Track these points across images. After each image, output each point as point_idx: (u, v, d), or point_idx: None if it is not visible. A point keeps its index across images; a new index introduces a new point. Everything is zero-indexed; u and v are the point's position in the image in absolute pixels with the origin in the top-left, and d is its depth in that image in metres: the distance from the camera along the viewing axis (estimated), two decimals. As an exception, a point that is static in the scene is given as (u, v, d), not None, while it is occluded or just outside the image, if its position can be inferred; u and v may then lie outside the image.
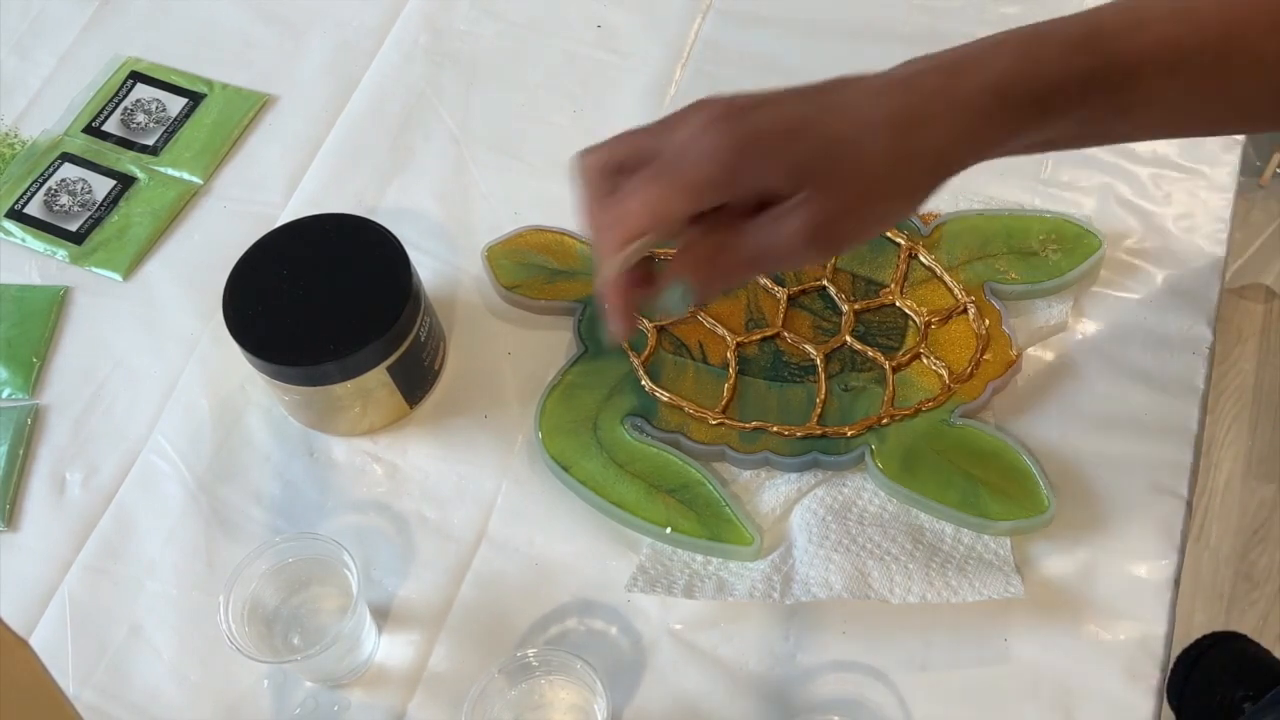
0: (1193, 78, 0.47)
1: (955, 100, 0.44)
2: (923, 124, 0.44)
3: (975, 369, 0.63)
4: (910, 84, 0.45)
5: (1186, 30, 0.46)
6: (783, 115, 0.44)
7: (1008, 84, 0.45)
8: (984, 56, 0.45)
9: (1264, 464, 1.45)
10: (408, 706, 0.58)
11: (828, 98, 0.45)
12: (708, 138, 0.43)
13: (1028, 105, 0.45)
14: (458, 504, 0.63)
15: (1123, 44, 0.46)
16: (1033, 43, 0.46)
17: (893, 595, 0.56)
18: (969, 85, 0.45)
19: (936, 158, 0.45)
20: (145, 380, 0.70)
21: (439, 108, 0.80)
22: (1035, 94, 0.45)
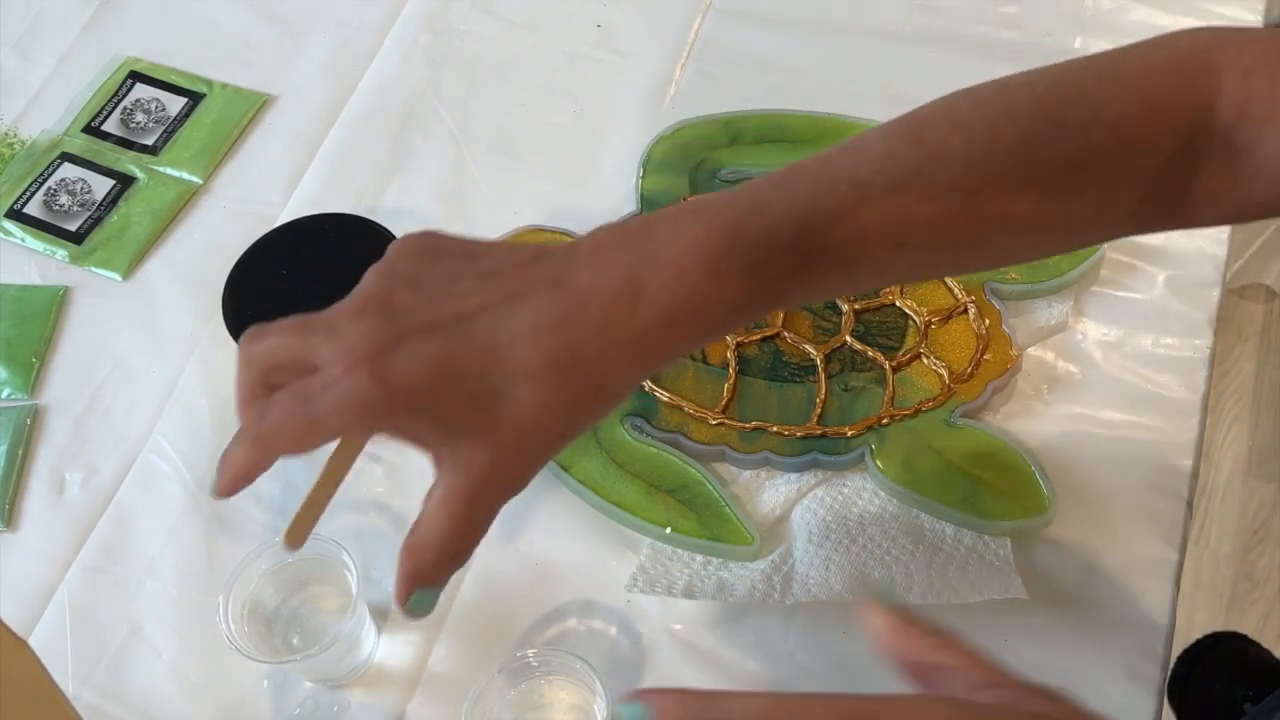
0: (929, 245, 0.44)
1: (624, 337, 0.40)
2: (580, 366, 0.40)
3: (975, 369, 0.63)
4: (570, 322, 0.40)
5: (915, 200, 0.43)
6: (435, 358, 0.39)
7: (693, 310, 0.41)
8: (667, 277, 0.40)
9: (1264, 464, 1.45)
10: (407, 707, 0.58)
11: (476, 333, 0.40)
12: (347, 386, 0.39)
13: (716, 322, 0.42)
14: (457, 504, 0.63)
15: (839, 230, 0.42)
16: (724, 259, 0.41)
17: (892, 595, 0.56)
18: (644, 319, 0.40)
19: (604, 391, 0.42)
20: (145, 380, 0.70)
21: (439, 108, 0.80)
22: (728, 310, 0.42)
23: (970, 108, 0.45)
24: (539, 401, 0.40)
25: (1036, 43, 0.77)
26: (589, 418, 0.42)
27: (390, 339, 0.40)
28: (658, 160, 0.73)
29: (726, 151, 0.73)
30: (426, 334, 0.40)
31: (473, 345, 0.40)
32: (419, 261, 0.42)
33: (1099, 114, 0.44)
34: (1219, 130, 0.44)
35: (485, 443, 0.40)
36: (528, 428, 0.40)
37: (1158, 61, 0.45)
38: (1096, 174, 0.44)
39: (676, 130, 0.74)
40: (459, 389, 0.40)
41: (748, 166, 0.72)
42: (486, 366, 0.40)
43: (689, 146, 0.73)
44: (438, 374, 0.39)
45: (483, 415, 0.40)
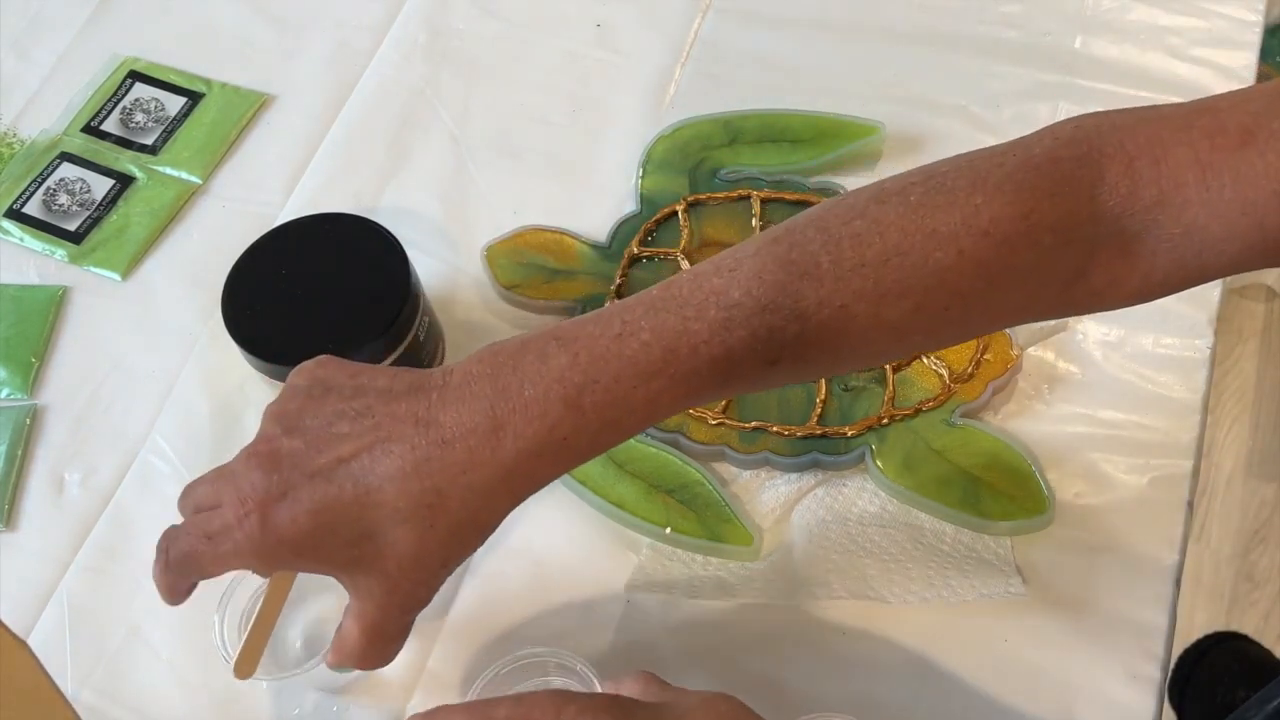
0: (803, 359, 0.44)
1: (487, 474, 0.42)
2: (447, 505, 0.42)
3: (975, 369, 0.63)
4: (435, 462, 0.42)
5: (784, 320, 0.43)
6: (316, 505, 0.42)
7: (556, 442, 0.42)
8: (530, 413, 0.42)
9: (1265, 464, 1.45)
10: (407, 707, 0.58)
11: (350, 477, 0.42)
12: (241, 533, 0.42)
13: (585, 449, 0.43)
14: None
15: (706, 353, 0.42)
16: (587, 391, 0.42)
17: (893, 595, 0.56)
18: (505, 453, 0.42)
19: (475, 526, 0.44)
20: (144, 380, 0.70)
21: (438, 107, 0.80)
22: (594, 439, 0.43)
23: (839, 221, 0.44)
24: (413, 540, 0.42)
25: (1036, 43, 0.77)
26: (466, 548, 0.45)
27: (276, 490, 0.42)
28: (657, 160, 0.73)
29: (726, 151, 0.73)
30: (308, 481, 0.42)
31: (346, 492, 0.42)
32: (305, 402, 0.44)
33: (970, 219, 0.43)
34: (1105, 220, 0.44)
35: (376, 575, 0.43)
36: (407, 564, 0.43)
37: (1034, 159, 0.45)
38: (971, 279, 0.44)
39: (676, 130, 0.74)
40: (338, 533, 0.42)
41: (747, 166, 0.72)
42: (361, 511, 0.42)
43: (689, 146, 0.73)
44: (317, 522, 0.42)
45: (366, 554, 0.43)
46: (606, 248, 0.70)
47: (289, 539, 0.42)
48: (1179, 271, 0.45)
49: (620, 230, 0.71)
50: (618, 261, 0.69)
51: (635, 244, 0.69)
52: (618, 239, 0.70)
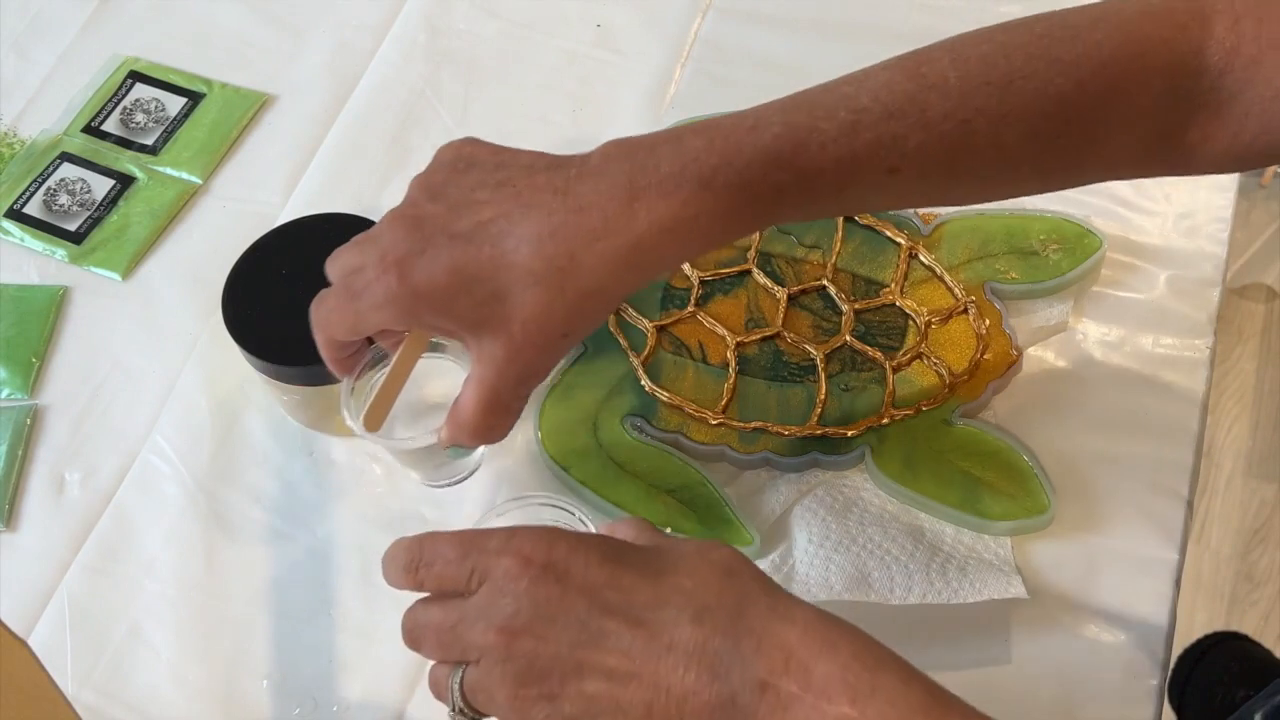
0: (921, 172, 0.46)
1: (619, 243, 0.44)
2: (579, 270, 0.44)
3: (975, 369, 0.63)
4: (570, 229, 0.44)
5: (909, 128, 0.45)
6: (452, 264, 0.44)
7: (686, 221, 0.44)
8: (664, 187, 0.43)
9: (1264, 464, 1.45)
10: (407, 707, 0.58)
11: (486, 241, 0.44)
12: (381, 287, 0.45)
13: (711, 233, 0.45)
14: (457, 505, 0.63)
15: (833, 152, 0.45)
16: (720, 172, 0.44)
17: (893, 595, 0.56)
18: (640, 225, 0.44)
19: (602, 294, 0.45)
20: (144, 380, 0.70)
21: (438, 107, 0.80)
22: (726, 217, 0.45)
23: (969, 44, 0.48)
24: (542, 303, 0.44)
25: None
26: (589, 319, 0.46)
27: (416, 247, 0.45)
28: (658, 160, 0.73)
29: (726, 151, 0.73)
30: (447, 241, 0.44)
31: (483, 253, 0.44)
32: (450, 173, 0.47)
33: (1091, 53, 0.46)
34: (1209, 74, 0.46)
35: (501, 339, 0.45)
36: (533, 327, 0.44)
37: (1151, 6, 0.47)
38: (1086, 110, 0.46)
39: (676, 130, 0.74)
40: (472, 292, 0.44)
41: (748, 166, 0.72)
42: (495, 271, 0.44)
43: (689, 146, 0.73)
44: (453, 279, 0.44)
45: (495, 315, 0.44)
46: (606, 248, 0.70)
47: (425, 292, 0.44)
48: (1264, 135, 0.47)
49: (620, 230, 0.71)
50: (618, 261, 0.69)
51: (635, 244, 0.69)
52: (618, 239, 0.70)
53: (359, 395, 0.58)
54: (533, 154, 0.47)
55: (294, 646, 0.60)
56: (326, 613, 0.61)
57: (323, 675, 0.59)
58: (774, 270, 0.68)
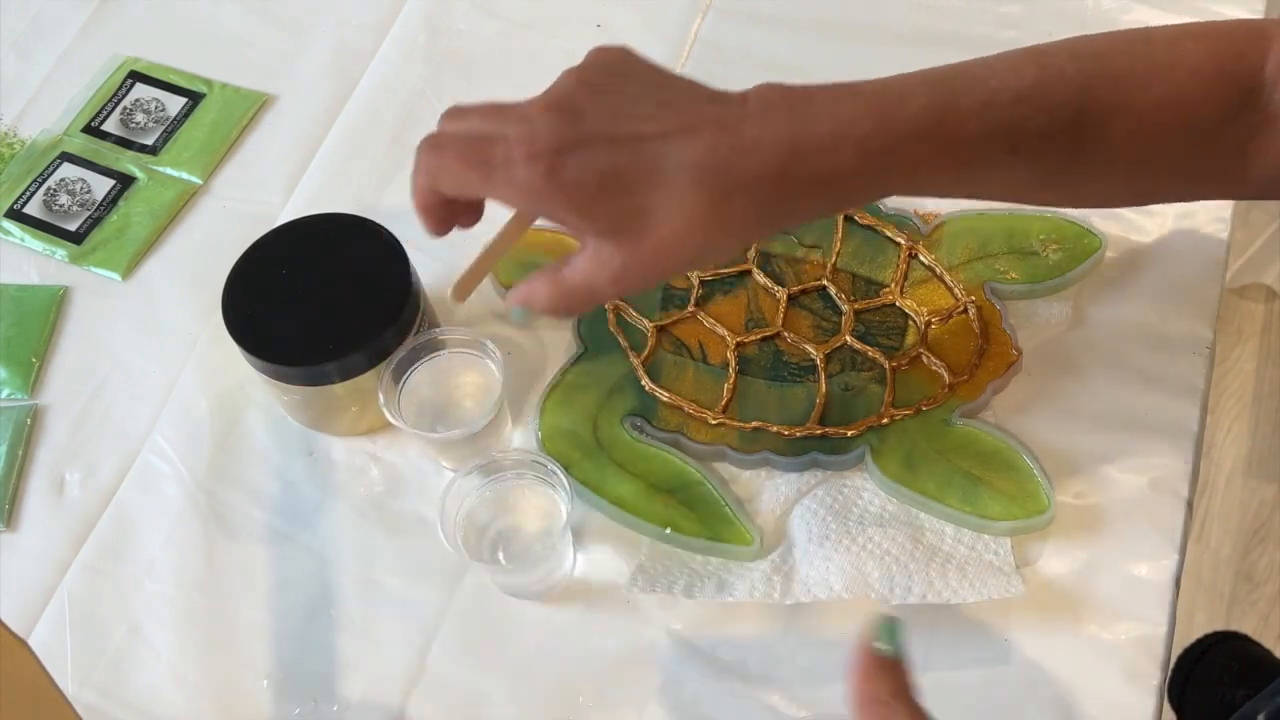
0: (1038, 155, 0.48)
1: (778, 189, 0.45)
2: (728, 208, 0.45)
3: (975, 369, 0.63)
4: (730, 167, 0.44)
5: (1033, 111, 0.47)
6: (603, 168, 0.44)
7: (840, 177, 0.45)
8: (823, 146, 0.45)
9: (1264, 464, 1.45)
10: (407, 706, 0.58)
11: (644, 155, 0.45)
12: (522, 170, 0.44)
13: (859, 190, 0.47)
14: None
15: (969, 127, 0.47)
16: (873, 138, 0.46)
17: (893, 595, 0.56)
18: (797, 175, 0.45)
19: (739, 235, 0.46)
20: (144, 380, 0.70)
21: (438, 107, 0.79)
22: (871, 181, 0.46)
23: (1082, 42, 0.50)
24: (683, 228, 0.44)
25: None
26: (717, 254, 0.47)
27: (571, 140, 0.44)
28: (658, 160, 0.73)
29: (726, 151, 0.73)
30: (604, 145, 0.44)
31: (641, 165, 0.44)
32: (610, 78, 0.47)
33: (1183, 60, 0.49)
34: (1265, 89, 0.49)
35: (625, 250, 0.45)
36: (664, 248, 0.45)
37: (1218, 26, 0.50)
38: (1179, 113, 0.49)
39: (676, 130, 0.74)
40: (618, 201, 0.44)
41: (748, 166, 0.72)
42: (648, 187, 0.44)
43: (689, 146, 0.73)
44: (603, 183, 0.44)
45: (632, 228, 0.45)
46: (606, 248, 0.70)
47: (570, 190, 0.44)
48: None
49: (620, 230, 0.71)
50: (618, 261, 0.69)
51: (635, 244, 0.69)
52: (618, 239, 0.70)
53: (390, 393, 0.61)
54: (689, 81, 0.47)
55: (294, 646, 0.60)
56: (326, 613, 0.61)
57: (323, 675, 0.59)
58: (774, 270, 0.68)
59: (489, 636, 0.59)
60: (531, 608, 0.60)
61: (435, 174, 0.48)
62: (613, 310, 0.67)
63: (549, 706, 0.57)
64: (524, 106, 0.47)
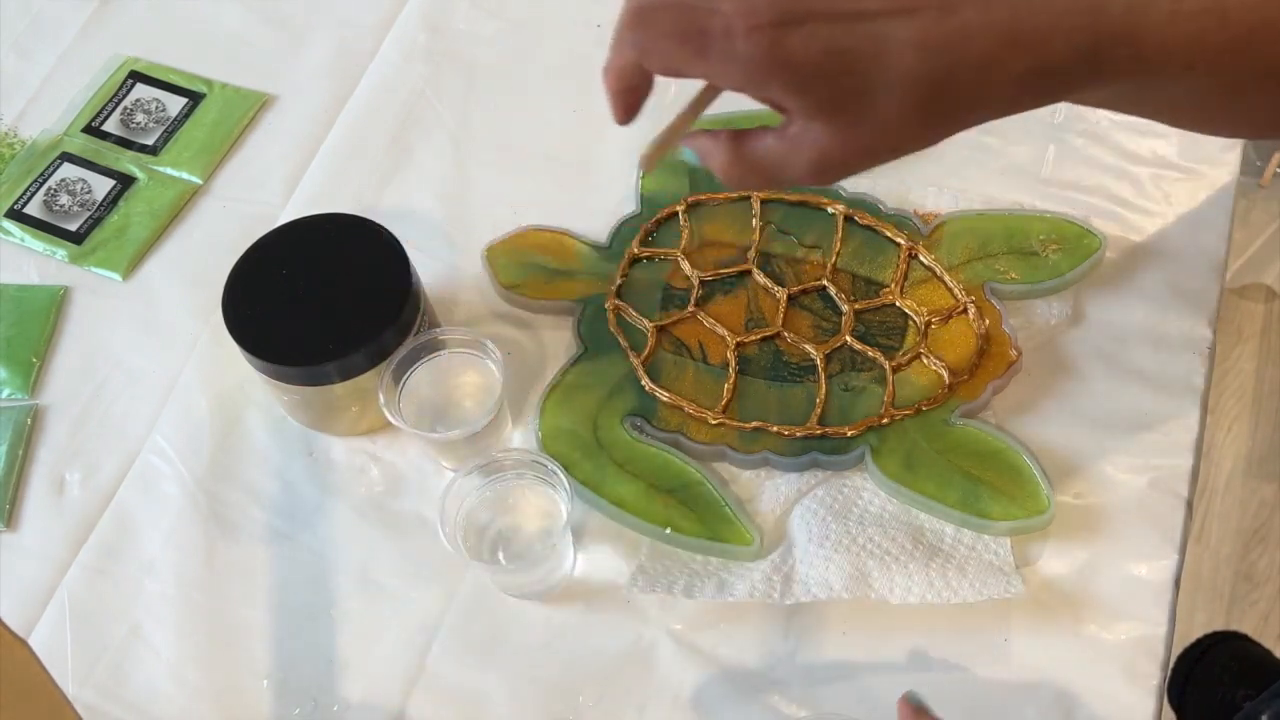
0: (1214, 70, 0.47)
1: (996, 77, 0.44)
2: (950, 92, 0.44)
3: (975, 369, 0.63)
4: (953, 49, 0.44)
5: (1214, 26, 0.46)
6: (829, 45, 0.43)
7: (1051, 69, 0.45)
8: (1040, 37, 0.45)
9: (1264, 464, 1.45)
10: (407, 706, 0.58)
11: (869, 32, 0.44)
12: (744, 44, 0.43)
13: (1058, 88, 0.46)
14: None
15: (1157, 37, 0.46)
16: (1082, 34, 0.45)
17: (893, 595, 0.56)
18: (1015, 66, 0.45)
19: (956, 121, 0.46)
20: (144, 380, 0.70)
21: (438, 107, 0.80)
22: (1070, 79, 0.46)
23: None
24: (905, 109, 0.43)
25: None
26: (929, 139, 0.46)
27: (793, 14, 0.43)
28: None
29: (726, 151, 0.73)
30: (825, 20, 0.43)
31: (864, 43, 0.43)
32: None
33: None
34: None
35: (835, 133, 0.44)
36: (881, 129, 0.44)
37: None
38: None
39: (676, 130, 0.74)
40: (839, 80, 0.43)
41: (748, 166, 0.72)
42: (870, 66, 0.43)
43: (689, 146, 0.73)
44: (827, 60, 0.43)
45: (849, 106, 0.43)
46: (607, 248, 0.70)
47: (792, 64, 0.42)
48: None
49: (620, 230, 0.71)
50: (618, 262, 0.69)
51: (635, 244, 0.69)
52: (618, 239, 0.70)
53: (390, 393, 0.61)
54: None
55: (294, 646, 0.60)
56: (326, 613, 0.61)
57: (323, 675, 0.59)
58: (774, 270, 0.68)
59: (489, 636, 0.59)
60: (531, 608, 0.60)
61: (644, 48, 0.45)
62: (613, 310, 0.67)
63: (549, 706, 0.57)
64: None
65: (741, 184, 0.47)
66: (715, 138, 0.48)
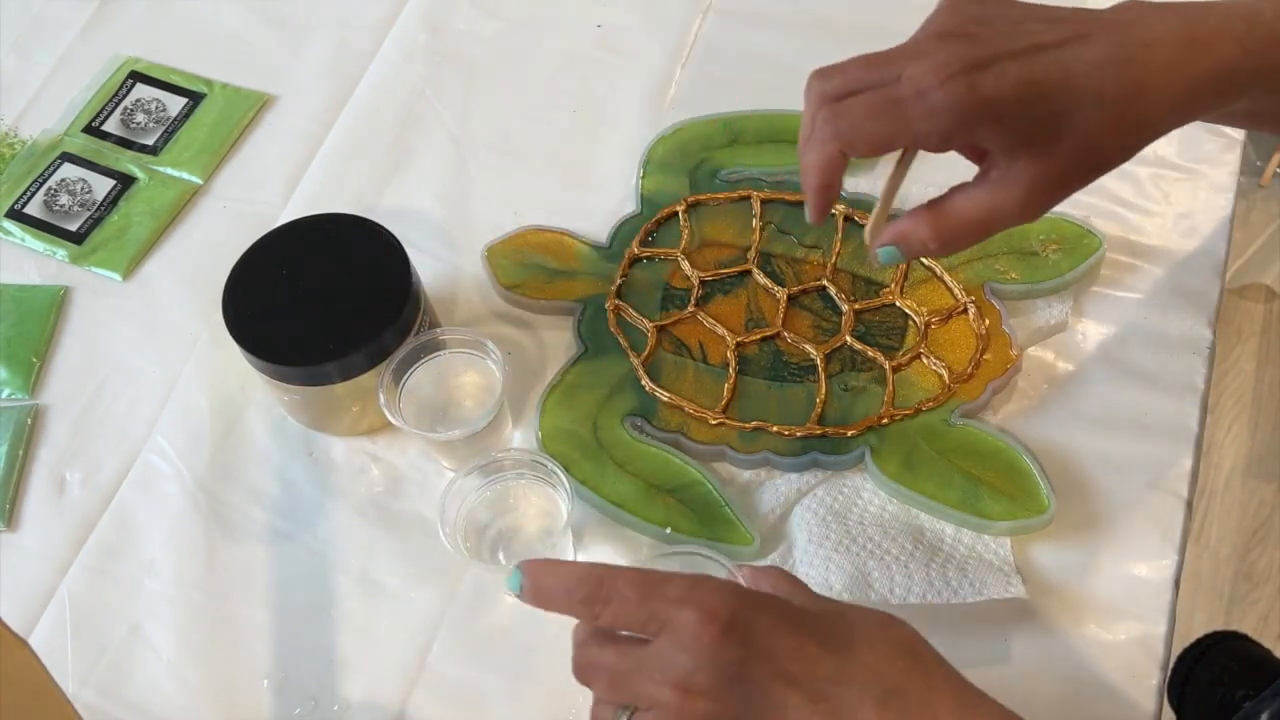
0: None
1: (1179, 81, 0.46)
2: (1144, 99, 0.45)
3: (975, 369, 0.63)
4: (1138, 60, 0.45)
5: None
6: (1020, 79, 0.44)
7: (1225, 70, 0.46)
8: (1213, 40, 0.46)
9: (1264, 464, 1.45)
10: (407, 706, 0.58)
11: (1055, 61, 0.45)
12: (942, 95, 0.44)
13: (1228, 92, 0.47)
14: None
15: None
16: (1249, 37, 0.47)
17: (893, 595, 0.56)
18: (1197, 69, 0.46)
19: (1151, 129, 0.47)
20: (145, 380, 0.70)
21: (439, 107, 0.80)
22: (1238, 81, 0.47)
23: None
24: (1102, 127, 0.45)
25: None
26: (1126, 153, 0.47)
27: (980, 59, 0.44)
28: (658, 160, 0.73)
29: (726, 151, 0.73)
30: (1011, 58, 0.45)
31: (1051, 72, 0.45)
32: (981, 6, 0.47)
33: None
34: None
35: (1041, 161, 0.46)
36: (1082, 150, 0.45)
37: None
38: None
39: (676, 130, 0.74)
40: (1036, 107, 0.45)
41: (748, 166, 0.72)
42: (1062, 91, 0.44)
43: (689, 146, 0.73)
44: (1022, 91, 0.44)
45: (1049, 133, 0.45)
46: (607, 248, 0.70)
47: (991, 102, 0.44)
48: None
49: (621, 231, 0.71)
50: (618, 262, 0.69)
51: (635, 244, 0.69)
52: (618, 239, 0.70)
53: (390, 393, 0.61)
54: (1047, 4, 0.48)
55: (294, 646, 0.60)
56: (326, 613, 0.61)
57: (323, 675, 0.59)
58: (774, 270, 0.68)
59: (489, 636, 0.59)
60: (525, 609, 0.60)
61: (846, 138, 0.46)
62: (613, 310, 0.67)
63: (549, 706, 0.57)
64: (910, 44, 0.47)
65: (955, 245, 0.48)
66: (913, 217, 0.49)
